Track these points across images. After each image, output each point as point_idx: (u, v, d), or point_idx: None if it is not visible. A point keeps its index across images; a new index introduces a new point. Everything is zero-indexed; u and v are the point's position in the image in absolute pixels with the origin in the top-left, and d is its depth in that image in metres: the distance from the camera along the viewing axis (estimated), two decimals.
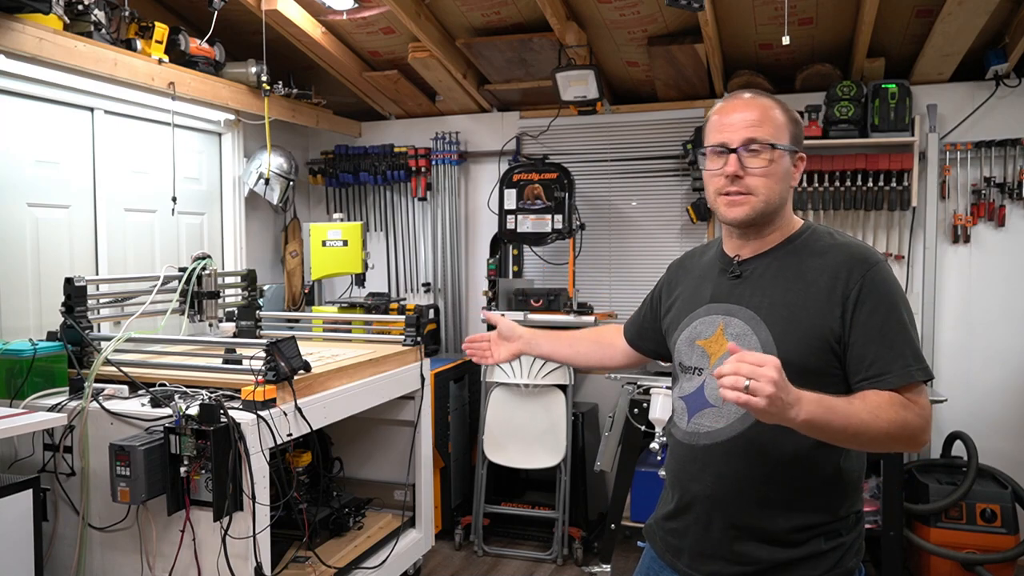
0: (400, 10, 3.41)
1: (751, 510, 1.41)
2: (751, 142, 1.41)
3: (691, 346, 1.52)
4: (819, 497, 1.40)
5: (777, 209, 1.46)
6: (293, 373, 2.46)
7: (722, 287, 1.50)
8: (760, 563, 1.41)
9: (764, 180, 1.42)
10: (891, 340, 1.34)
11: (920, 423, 1.32)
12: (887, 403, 1.30)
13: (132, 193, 3.57)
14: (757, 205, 1.43)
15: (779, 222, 1.48)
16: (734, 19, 3.46)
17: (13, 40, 2.64)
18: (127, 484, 2.14)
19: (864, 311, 1.35)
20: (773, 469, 1.39)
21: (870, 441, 1.30)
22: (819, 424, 1.22)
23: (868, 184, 3.77)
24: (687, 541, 1.49)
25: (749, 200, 1.43)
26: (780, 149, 1.42)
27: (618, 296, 4.34)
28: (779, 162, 1.43)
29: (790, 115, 1.47)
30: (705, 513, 1.46)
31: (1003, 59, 3.45)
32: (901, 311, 1.37)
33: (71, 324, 2.62)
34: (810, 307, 1.38)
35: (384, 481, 3.54)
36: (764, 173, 1.42)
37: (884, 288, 1.37)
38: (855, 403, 1.29)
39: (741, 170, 1.42)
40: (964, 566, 3.27)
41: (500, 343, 1.87)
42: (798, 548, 1.39)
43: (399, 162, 4.59)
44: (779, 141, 1.43)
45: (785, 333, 1.38)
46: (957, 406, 3.74)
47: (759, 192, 1.42)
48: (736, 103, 1.46)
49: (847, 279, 1.37)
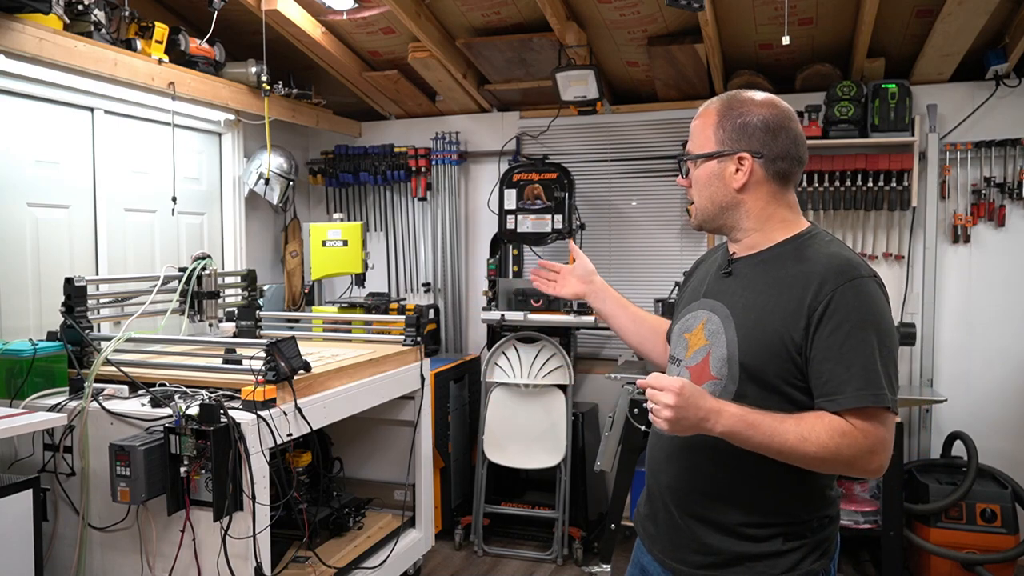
0: (400, 10, 3.41)
1: (706, 502, 1.44)
2: (683, 156, 1.51)
3: (679, 337, 1.55)
4: (776, 497, 1.40)
5: (725, 212, 1.46)
6: (293, 373, 2.46)
7: (715, 283, 1.52)
8: (721, 554, 1.43)
9: (696, 190, 1.50)
10: (849, 360, 1.29)
11: (858, 452, 1.28)
12: (823, 428, 1.28)
13: (132, 193, 3.57)
14: (697, 212, 1.52)
15: (748, 224, 1.46)
16: (734, 19, 3.46)
17: (13, 40, 2.64)
18: (127, 484, 2.14)
19: (828, 327, 1.31)
20: (732, 466, 1.40)
21: (799, 461, 1.31)
22: (739, 438, 1.30)
23: (868, 184, 3.77)
24: (659, 529, 1.54)
25: (693, 208, 1.53)
26: (690, 159, 1.49)
27: None
28: (700, 170, 1.47)
29: (724, 116, 1.44)
30: (668, 503, 1.50)
31: (1003, 59, 3.45)
32: (868, 332, 1.30)
33: (71, 324, 2.62)
34: (776, 313, 1.37)
35: (384, 481, 3.54)
36: (694, 183, 1.50)
37: (854, 305, 1.31)
38: (787, 423, 1.29)
39: (685, 181, 1.53)
40: (964, 566, 3.27)
41: (569, 279, 1.85)
42: (755, 544, 1.40)
43: (399, 162, 4.59)
44: (700, 149, 1.47)
45: (748, 336, 1.38)
46: (957, 406, 3.74)
47: (695, 199, 1.51)
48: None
49: (818, 291, 1.33)
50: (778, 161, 1.43)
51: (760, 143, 1.42)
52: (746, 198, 1.44)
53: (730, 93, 1.48)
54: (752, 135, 1.42)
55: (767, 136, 1.42)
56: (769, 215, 1.45)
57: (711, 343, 1.44)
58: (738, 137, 1.42)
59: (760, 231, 1.46)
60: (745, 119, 1.42)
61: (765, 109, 1.43)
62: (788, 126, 1.43)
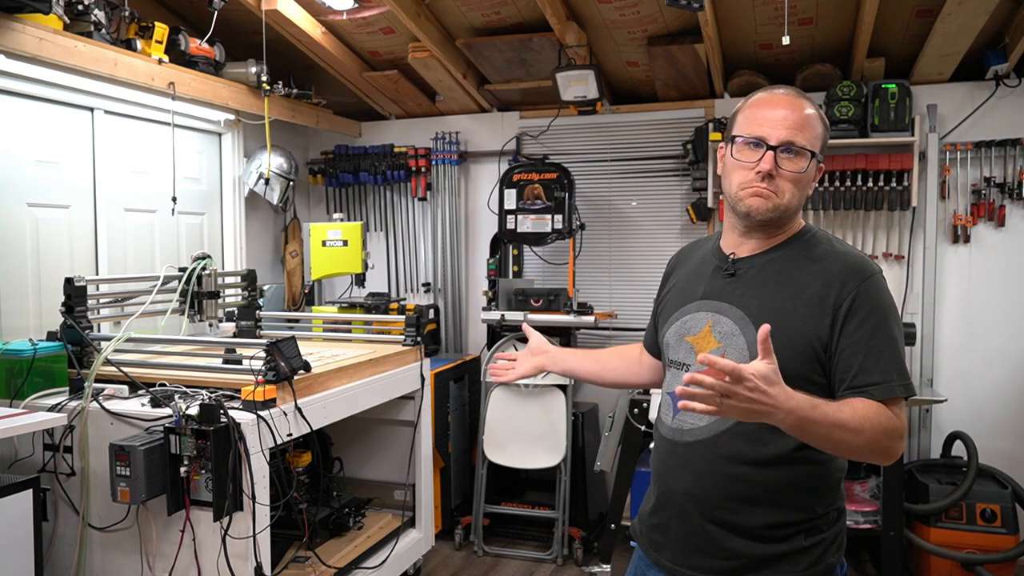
0: (400, 10, 3.41)
1: (729, 506, 1.42)
2: (791, 145, 1.39)
3: (679, 341, 1.52)
4: (799, 496, 1.40)
5: (793, 214, 1.46)
6: (293, 373, 2.46)
7: (715, 284, 1.50)
8: (741, 558, 1.41)
9: (792, 185, 1.41)
10: (878, 353, 1.33)
11: (894, 438, 1.32)
12: (874, 413, 1.29)
13: (132, 193, 3.57)
14: (780, 205, 1.41)
15: (788, 225, 1.48)
16: (734, 19, 3.46)
17: (13, 40, 2.63)
18: (127, 484, 2.14)
19: (855, 321, 1.35)
20: (752, 468, 1.39)
21: (850, 450, 1.30)
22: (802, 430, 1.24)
23: (868, 184, 3.77)
24: (670, 537, 1.50)
25: (773, 199, 1.41)
26: (816, 158, 1.42)
27: (618, 296, 4.34)
28: (810, 170, 1.42)
29: (825, 123, 1.46)
30: (685, 509, 1.46)
31: (1003, 59, 3.45)
32: (891, 325, 1.36)
33: (71, 324, 2.62)
34: (799, 312, 1.38)
35: (384, 481, 3.54)
36: (794, 179, 1.40)
37: (877, 300, 1.37)
38: (844, 410, 1.28)
39: (775, 169, 1.40)
40: (964, 566, 3.27)
41: (524, 359, 1.85)
42: (778, 544, 1.40)
43: (399, 162, 4.59)
44: (813, 147, 1.41)
45: (772, 336, 1.38)
46: (957, 406, 3.74)
47: (784, 195, 1.41)
48: (779, 99, 1.43)
49: (840, 288, 1.37)
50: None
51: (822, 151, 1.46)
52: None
53: (802, 93, 1.47)
54: (825, 144, 1.46)
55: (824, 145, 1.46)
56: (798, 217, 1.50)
57: (725, 345, 1.43)
58: (822, 145, 1.45)
59: (784, 231, 1.48)
60: (829, 129, 1.47)
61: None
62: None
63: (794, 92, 1.45)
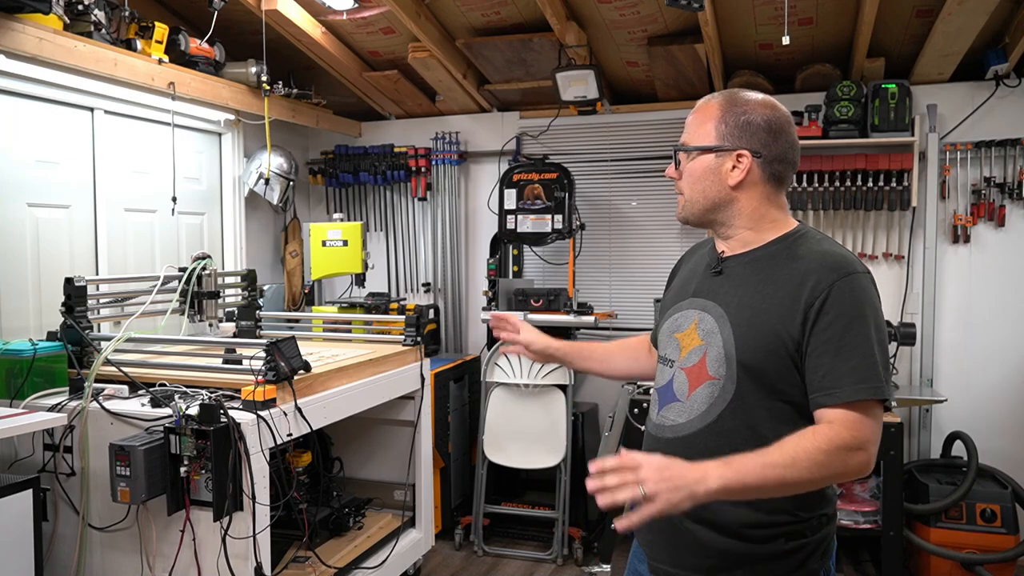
0: (400, 10, 3.41)
1: (709, 504, 1.39)
2: (681, 146, 1.49)
3: (670, 337, 1.53)
4: (779, 498, 1.38)
5: (716, 207, 1.46)
6: (293, 373, 2.46)
7: (704, 282, 1.51)
8: (724, 556, 1.41)
9: (689, 182, 1.48)
10: (847, 354, 1.30)
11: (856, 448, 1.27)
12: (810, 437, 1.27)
13: (132, 193, 3.57)
14: (685, 205, 1.51)
15: (739, 221, 1.46)
16: (734, 19, 3.46)
17: (13, 40, 2.64)
18: (127, 484, 2.14)
19: (825, 320, 1.32)
20: None
21: (802, 483, 1.27)
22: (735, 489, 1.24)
23: (868, 184, 3.77)
24: (655, 534, 1.51)
25: (680, 201, 1.52)
26: (685, 151, 1.47)
27: (618, 296, 4.34)
28: (695, 162, 1.46)
29: (727, 112, 1.43)
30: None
31: (1003, 59, 3.45)
32: (866, 325, 1.32)
33: (71, 324, 2.62)
34: (772, 311, 1.37)
35: (384, 481, 3.54)
36: (688, 174, 1.48)
37: (851, 299, 1.32)
38: (770, 450, 1.26)
39: (676, 173, 1.51)
40: (964, 566, 3.27)
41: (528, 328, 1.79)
42: (759, 544, 1.39)
43: (399, 162, 4.59)
44: (698, 142, 1.45)
45: (745, 334, 1.38)
46: (957, 406, 3.74)
47: (684, 192, 1.50)
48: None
49: (814, 286, 1.34)
50: (775, 163, 1.44)
51: (761, 143, 1.42)
52: (740, 196, 1.45)
53: (730, 90, 1.48)
54: (754, 134, 1.42)
55: (768, 137, 1.42)
56: (762, 215, 1.46)
57: (707, 343, 1.43)
58: (740, 134, 1.43)
59: (752, 230, 1.46)
60: (748, 117, 1.43)
61: (768, 110, 1.44)
62: (788, 130, 1.45)
63: (709, 97, 1.49)
